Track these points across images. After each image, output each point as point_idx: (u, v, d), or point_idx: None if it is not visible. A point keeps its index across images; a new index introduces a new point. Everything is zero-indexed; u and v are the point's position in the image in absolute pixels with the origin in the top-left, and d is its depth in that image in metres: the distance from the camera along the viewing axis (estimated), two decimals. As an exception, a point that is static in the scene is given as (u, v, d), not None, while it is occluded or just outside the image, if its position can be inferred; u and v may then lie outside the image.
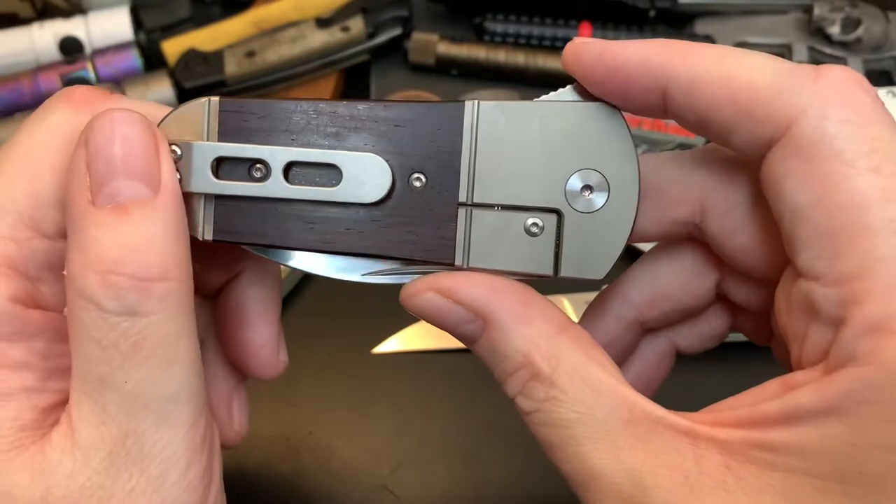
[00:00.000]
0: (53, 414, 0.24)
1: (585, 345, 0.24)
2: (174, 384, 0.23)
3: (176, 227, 0.23)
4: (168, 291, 0.22)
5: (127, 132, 0.23)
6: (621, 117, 0.25)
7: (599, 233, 0.24)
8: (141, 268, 0.22)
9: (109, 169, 0.22)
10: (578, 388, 0.23)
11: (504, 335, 0.24)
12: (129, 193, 0.22)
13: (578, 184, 0.24)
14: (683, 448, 0.21)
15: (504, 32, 0.63)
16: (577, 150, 0.24)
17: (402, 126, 0.25)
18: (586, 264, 0.25)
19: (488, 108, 0.24)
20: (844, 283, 0.20)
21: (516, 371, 0.24)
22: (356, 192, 0.25)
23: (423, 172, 0.25)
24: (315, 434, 0.47)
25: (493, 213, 0.25)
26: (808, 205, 0.21)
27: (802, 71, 0.22)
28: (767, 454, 0.20)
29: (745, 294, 0.28)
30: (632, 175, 0.24)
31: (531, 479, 0.22)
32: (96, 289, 0.22)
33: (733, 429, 0.21)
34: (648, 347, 0.31)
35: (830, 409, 0.20)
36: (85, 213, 0.22)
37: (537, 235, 0.25)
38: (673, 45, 0.23)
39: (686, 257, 0.29)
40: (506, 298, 0.24)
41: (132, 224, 0.22)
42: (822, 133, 0.21)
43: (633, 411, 0.22)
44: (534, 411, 0.23)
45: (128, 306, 0.22)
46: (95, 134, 0.23)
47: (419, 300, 0.25)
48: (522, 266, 0.25)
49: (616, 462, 0.22)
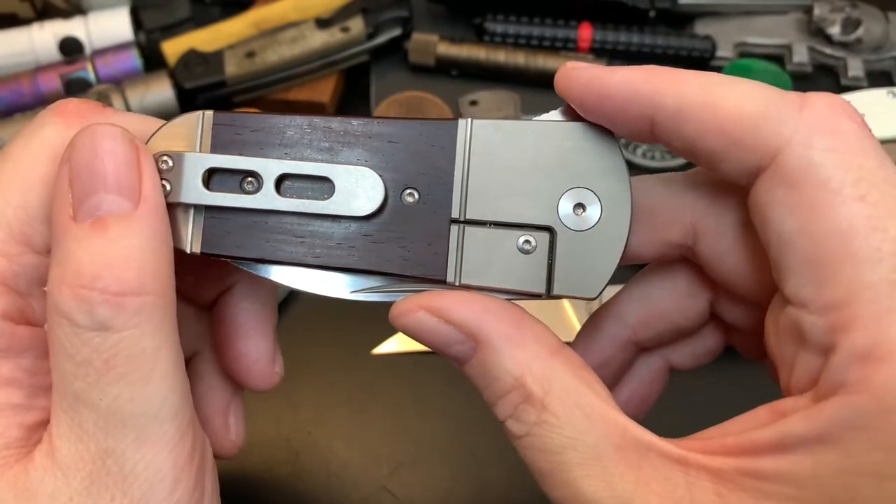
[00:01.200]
0: (39, 432, 0.23)
1: (578, 368, 0.24)
2: (153, 401, 0.22)
3: (155, 241, 0.23)
4: (143, 306, 0.22)
5: (108, 146, 0.23)
6: (613, 137, 0.25)
7: (592, 251, 0.24)
8: (115, 282, 0.21)
9: (90, 184, 0.22)
10: (570, 413, 0.22)
11: (496, 357, 0.23)
12: (108, 208, 0.22)
13: (571, 202, 0.25)
14: (675, 475, 0.21)
15: (504, 33, 0.63)
16: (570, 169, 0.25)
17: (395, 142, 0.25)
18: (579, 283, 0.25)
19: (482, 126, 0.25)
20: (832, 311, 0.20)
21: (507, 394, 0.23)
22: (348, 205, 0.25)
23: (416, 188, 0.25)
24: (315, 435, 0.47)
25: (486, 230, 0.25)
26: (794, 232, 0.21)
27: (788, 99, 0.22)
28: (759, 482, 0.20)
29: (737, 314, 0.28)
30: (624, 194, 0.24)
31: (531, 479, 0.22)
32: (69, 303, 0.21)
33: (724, 457, 0.21)
34: (643, 365, 0.30)
35: (822, 437, 0.20)
36: (66, 228, 0.22)
37: (530, 253, 0.25)
38: (660, 73, 0.23)
39: (679, 278, 0.29)
40: (498, 320, 0.24)
41: (109, 238, 0.22)
42: (807, 162, 0.21)
43: (624, 437, 0.22)
44: (524, 435, 0.23)
45: (99, 321, 0.21)
46: (77, 149, 0.23)
47: (409, 319, 0.24)
48: (515, 284, 0.25)
49: (607, 489, 0.21)
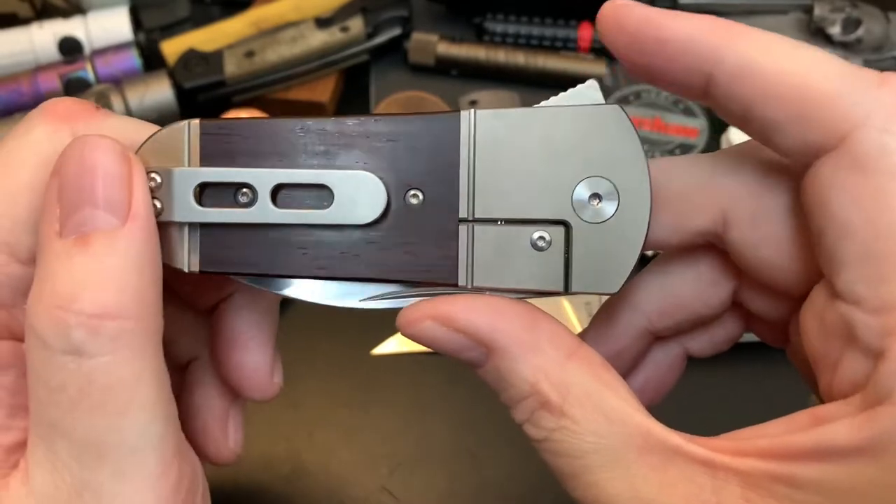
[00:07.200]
0: (17, 453, 0.22)
1: (597, 369, 0.22)
2: (131, 433, 0.21)
3: (140, 261, 0.21)
4: (122, 331, 0.20)
5: (99, 159, 0.21)
6: (628, 120, 0.23)
7: (611, 244, 0.23)
8: (92, 304, 0.20)
9: (78, 198, 0.21)
10: (591, 417, 0.22)
11: (509, 364, 0.22)
12: (95, 224, 0.21)
13: (586, 193, 0.23)
14: (701, 478, 0.20)
15: (504, 32, 0.62)
16: (583, 158, 0.23)
17: (395, 140, 0.23)
18: (598, 278, 0.23)
19: (485, 116, 0.23)
20: (888, 312, 0.19)
21: (524, 399, 0.22)
22: (349, 213, 0.23)
23: (420, 188, 0.23)
24: (315, 435, 0.47)
25: (497, 228, 0.23)
26: (856, 223, 0.20)
27: (866, 77, 0.20)
28: (791, 490, 0.19)
29: (763, 304, 0.26)
30: (642, 181, 0.23)
31: (531, 479, 0.22)
32: (44, 325, 0.20)
33: (756, 459, 0.20)
34: (659, 353, 0.29)
35: (865, 449, 0.19)
36: (50, 243, 0.21)
37: (545, 250, 0.23)
38: (725, 26, 0.21)
39: (702, 265, 0.27)
40: (510, 324, 0.22)
41: (91, 255, 0.20)
42: (882, 148, 0.19)
43: (647, 439, 0.21)
44: (543, 440, 0.22)
45: (74, 345, 0.20)
46: (67, 162, 0.21)
47: (416, 329, 0.23)
48: (531, 283, 0.23)
49: (631, 492, 0.21)
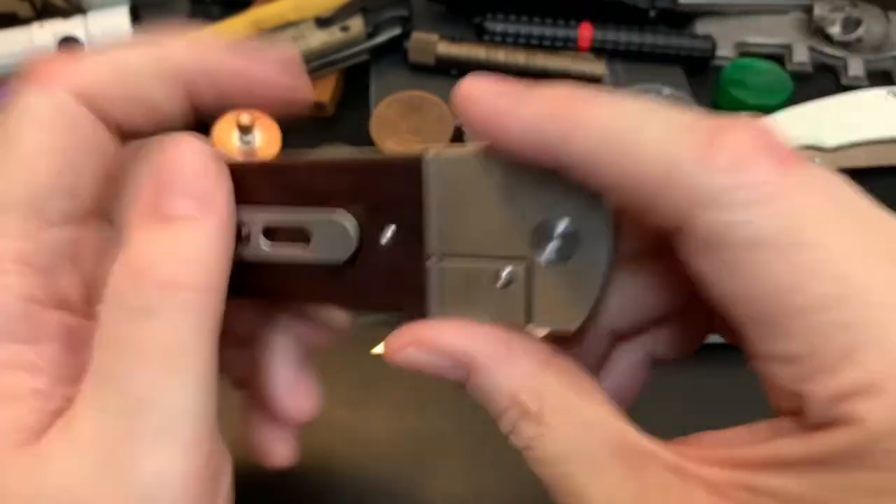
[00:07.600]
0: (57, 418, 0.23)
1: (571, 376, 0.23)
2: (179, 395, 0.22)
3: (218, 247, 0.23)
4: (189, 301, 0.22)
5: (194, 158, 0.24)
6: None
7: (571, 282, 0.24)
8: (170, 274, 0.22)
9: (169, 185, 0.23)
10: (566, 423, 0.22)
11: (488, 379, 0.24)
12: (184, 210, 0.23)
13: (546, 232, 0.24)
14: (673, 484, 0.21)
15: (504, 32, 0.62)
16: (543, 198, 0.23)
17: (364, 181, 0.25)
18: (559, 315, 0.24)
19: (448, 160, 0.24)
20: (795, 363, 0.20)
21: (506, 411, 0.24)
22: (325, 252, 0.25)
23: (390, 227, 0.25)
24: (314, 434, 0.46)
25: (463, 263, 0.24)
26: (730, 295, 0.20)
27: (694, 142, 0.19)
28: (751, 496, 0.20)
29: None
30: (601, 220, 0.23)
31: (531, 479, 0.22)
32: (126, 285, 0.22)
33: (720, 468, 0.21)
34: (623, 357, 0.30)
35: (811, 462, 0.19)
36: (142, 221, 0.23)
37: (508, 286, 0.24)
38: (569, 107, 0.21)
39: (660, 265, 0.27)
40: (486, 342, 0.24)
41: (175, 236, 0.23)
42: (724, 223, 0.19)
43: (622, 444, 0.22)
44: (525, 448, 0.23)
45: (145, 305, 0.22)
46: (163, 152, 0.24)
47: (401, 357, 0.25)
48: (494, 317, 0.24)
49: (607, 497, 0.21)
